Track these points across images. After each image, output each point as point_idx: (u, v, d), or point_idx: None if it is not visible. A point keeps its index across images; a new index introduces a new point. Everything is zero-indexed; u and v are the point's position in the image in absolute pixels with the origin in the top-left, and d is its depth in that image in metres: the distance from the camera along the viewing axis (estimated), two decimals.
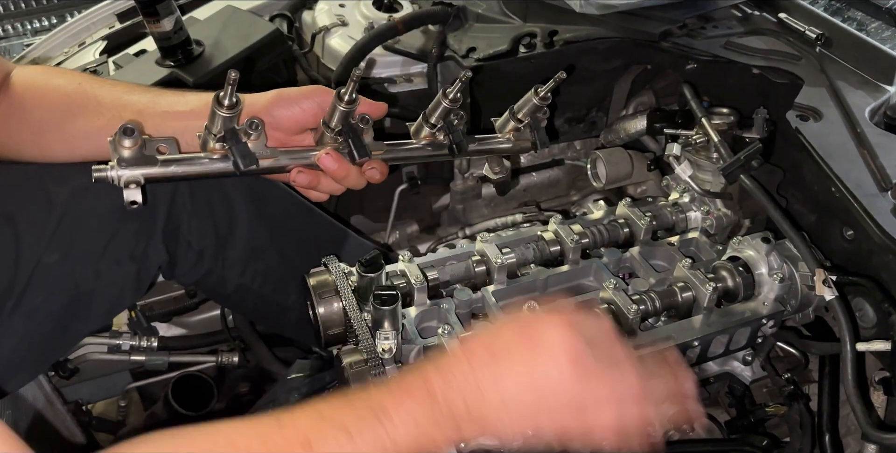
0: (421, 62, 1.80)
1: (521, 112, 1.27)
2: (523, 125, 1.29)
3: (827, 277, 1.19)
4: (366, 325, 1.13)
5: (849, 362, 1.15)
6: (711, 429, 1.41)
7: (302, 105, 1.16)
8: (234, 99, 1.04)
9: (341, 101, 1.10)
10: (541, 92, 1.23)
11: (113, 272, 1.30)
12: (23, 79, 1.23)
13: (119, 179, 1.04)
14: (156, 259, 1.36)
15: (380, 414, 0.81)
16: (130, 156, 1.04)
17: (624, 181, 1.73)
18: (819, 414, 1.31)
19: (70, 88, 1.21)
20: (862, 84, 1.43)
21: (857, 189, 1.23)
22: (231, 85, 1.01)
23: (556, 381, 0.83)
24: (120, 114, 1.17)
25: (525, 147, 1.33)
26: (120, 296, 1.37)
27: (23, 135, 1.22)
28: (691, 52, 1.59)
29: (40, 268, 1.22)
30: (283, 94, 1.18)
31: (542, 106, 1.25)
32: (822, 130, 1.33)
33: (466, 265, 1.30)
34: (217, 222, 1.40)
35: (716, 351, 1.26)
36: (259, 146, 1.11)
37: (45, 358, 1.38)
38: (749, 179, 1.34)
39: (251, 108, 1.15)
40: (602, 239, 1.36)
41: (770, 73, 1.51)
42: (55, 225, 1.23)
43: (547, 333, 0.85)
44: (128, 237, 1.30)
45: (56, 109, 1.20)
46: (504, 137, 1.32)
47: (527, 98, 1.25)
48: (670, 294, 1.24)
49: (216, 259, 1.43)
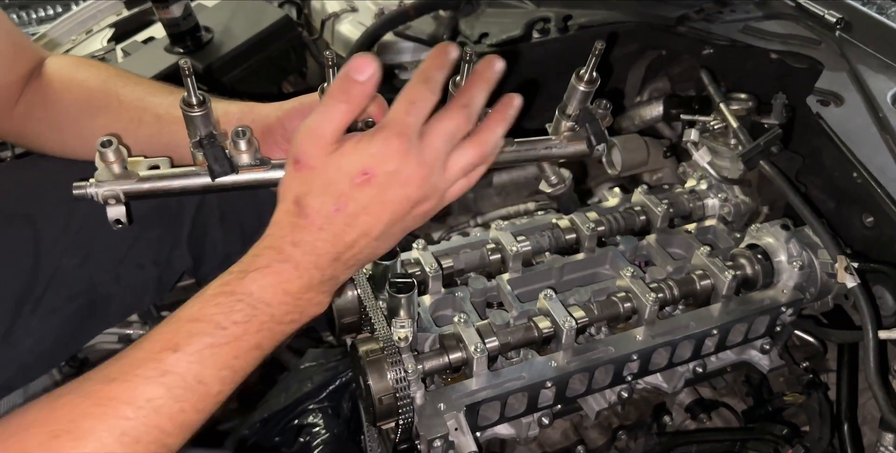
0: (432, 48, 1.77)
1: (569, 106, 1.02)
2: (577, 122, 1.04)
3: (849, 264, 1.17)
4: (381, 313, 1.12)
5: (871, 350, 1.13)
6: (729, 419, 1.39)
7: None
8: (201, 96, 0.91)
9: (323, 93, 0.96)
10: (583, 74, 0.97)
11: (134, 276, 1.28)
12: (53, 69, 1.20)
13: (97, 195, 0.96)
14: (179, 265, 1.34)
15: (247, 298, 0.79)
16: (110, 172, 0.96)
17: (640, 168, 1.70)
18: (838, 402, 1.30)
19: (94, 84, 1.18)
20: (883, 68, 1.40)
21: (880, 174, 1.20)
22: (188, 77, 0.88)
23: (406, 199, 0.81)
24: (140, 116, 1.13)
25: (580, 149, 1.05)
26: (139, 299, 1.35)
27: (43, 129, 1.20)
28: (708, 36, 1.56)
29: (61, 271, 1.20)
30: (297, 103, 1.05)
31: (589, 91, 0.99)
32: (843, 115, 1.31)
33: (481, 253, 1.29)
34: (245, 226, 1.38)
35: (734, 339, 1.25)
36: (250, 157, 0.97)
37: (59, 355, 1.37)
38: (769, 165, 1.32)
39: (265, 120, 1.06)
40: (618, 226, 1.34)
41: (789, 58, 1.48)
42: (77, 228, 1.21)
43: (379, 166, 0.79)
44: (151, 243, 1.28)
45: (77, 105, 1.17)
46: (556, 139, 1.06)
47: (571, 86, 1.00)
48: (688, 282, 1.23)
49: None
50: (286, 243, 0.81)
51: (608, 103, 1.04)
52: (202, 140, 0.96)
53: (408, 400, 1.05)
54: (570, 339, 1.12)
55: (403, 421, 1.07)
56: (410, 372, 1.05)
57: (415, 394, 1.07)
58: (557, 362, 1.11)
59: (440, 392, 1.09)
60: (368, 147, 0.79)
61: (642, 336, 1.16)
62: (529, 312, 1.18)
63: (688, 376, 1.26)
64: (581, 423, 1.36)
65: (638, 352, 1.15)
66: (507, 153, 1.02)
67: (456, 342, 1.10)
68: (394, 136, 0.78)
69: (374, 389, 1.03)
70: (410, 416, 1.06)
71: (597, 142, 1.04)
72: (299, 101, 1.04)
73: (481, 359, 1.08)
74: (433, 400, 1.08)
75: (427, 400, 1.08)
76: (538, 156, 1.07)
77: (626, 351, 1.14)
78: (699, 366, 1.25)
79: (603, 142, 1.04)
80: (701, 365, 1.26)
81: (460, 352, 1.10)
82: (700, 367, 1.26)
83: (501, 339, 1.12)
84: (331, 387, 1.41)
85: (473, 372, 1.09)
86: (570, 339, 1.12)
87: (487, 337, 1.11)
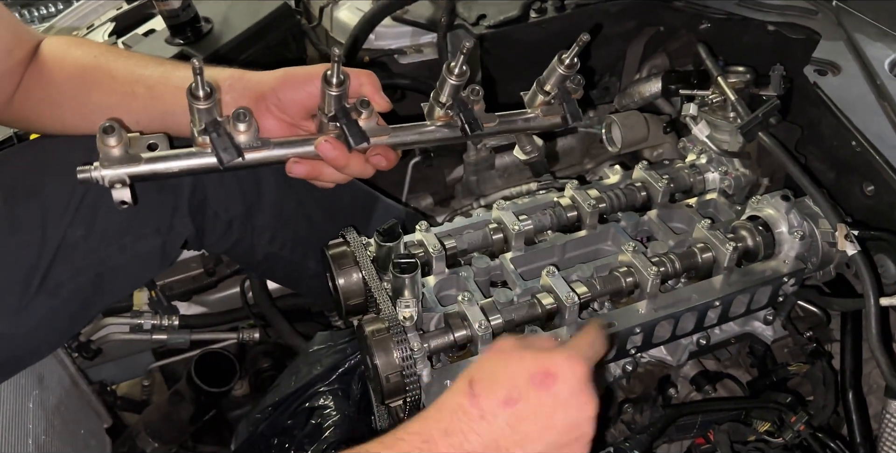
0: (430, 32, 1.78)
1: (547, 83, 1.15)
2: (552, 97, 1.17)
3: (849, 232, 1.18)
4: (386, 294, 1.13)
5: (873, 317, 1.14)
6: (734, 390, 1.41)
7: (308, 88, 1.09)
8: (208, 88, 0.96)
9: (329, 85, 1.02)
10: (565, 59, 1.10)
11: (138, 246, 1.30)
12: (47, 50, 1.23)
13: (103, 180, 1.00)
14: (182, 231, 1.35)
15: None
16: (114, 156, 1.00)
17: (640, 145, 1.71)
18: (842, 371, 1.31)
19: (86, 61, 1.21)
20: (881, 36, 1.40)
21: (879, 142, 1.21)
22: (198, 74, 0.93)
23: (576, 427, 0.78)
24: (132, 89, 1.16)
25: (555, 122, 1.19)
26: (144, 270, 1.37)
27: (42, 108, 1.22)
28: (705, 10, 1.56)
29: (66, 244, 1.22)
30: (290, 74, 1.11)
31: (568, 74, 1.12)
32: (841, 84, 1.31)
33: (484, 233, 1.30)
34: (245, 190, 1.39)
35: (737, 311, 1.25)
36: (249, 138, 1.04)
37: (66, 331, 1.39)
38: (768, 137, 1.32)
39: (258, 87, 1.11)
40: (619, 203, 1.35)
41: (786, 29, 1.48)
42: (79, 199, 1.22)
43: (563, 374, 0.77)
44: (153, 210, 1.29)
45: (72, 82, 1.20)
46: (532, 113, 1.19)
47: (551, 67, 1.12)
48: (690, 255, 1.23)
49: (245, 227, 1.43)
50: (437, 430, 0.76)
51: (581, 79, 1.15)
52: (207, 128, 1.00)
53: (414, 377, 1.06)
54: (574, 315, 1.13)
55: (411, 399, 1.08)
56: (416, 351, 1.06)
57: (421, 372, 1.08)
58: (561, 337, 1.13)
59: (446, 369, 1.11)
60: (553, 352, 0.79)
61: (645, 309, 1.17)
62: (533, 289, 1.19)
63: (692, 348, 1.27)
64: None
65: (641, 326, 1.16)
66: (490, 127, 1.15)
67: (461, 320, 1.12)
68: (579, 360, 0.78)
69: (380, 368, 1.05)
70: (418, 394, 1.08)
71: (573, 120, 1.17)
72: (291, 72, 1.11)
73: (486, 337, 1.09)
74: (440, 377, 1.09)
75: (434, 377, 1.09)
76: (517, 128, 1.19)
77: (629, 324, 1.15)
78: (703, 339, 1.26)
79: (578, 120, 1.17)
80: (704, 338, 1.27)
81: (465, 330, 1.11)
82: (704, 339, 1.27)
83: (505, 316, 1.13)
84: (340, 370, 1.43)
85: (478, 349, 1.11)
86: (573, 315, 1.13)
87: (492, 314, 1.12)
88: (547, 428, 0.76)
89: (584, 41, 1.05)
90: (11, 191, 1.22)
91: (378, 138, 1.12)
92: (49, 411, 1.55)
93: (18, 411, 1.44)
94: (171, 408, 1.84)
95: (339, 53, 0.98)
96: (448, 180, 2.02)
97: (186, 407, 1.83)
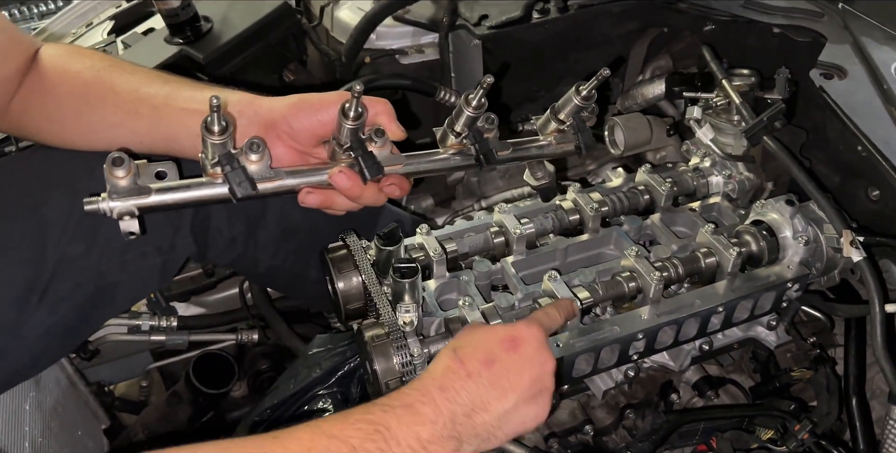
0: (432, 32, 1.77)
1: (562, 112, 1.15)
2: (566, 126, 1.16)
3: (854, 238, 1.17)
4: (386, 299, 1.12)
5: (878, 323, 1.13)
6: (736, 396, 1.40)
7: (321, 116, 1.08)
8: (224, 122, 0.95)
9: (346, 118, 1.02)
10: (582, 91, 1.10)
11: (138, 263, 1.28)
12: (47, 59, 1.21)
13: (111, 212, 0.97)
14: (183, 251, 1.34)
15: (384, 432, 0.84)
16: (123, 187, 0.97)
17: (643, 147, 1.70)
18: (846, 377, 1.30)
19: (88, 76, 1.18)
20: (887, 40, 1.38)
21: (885, 147, 1.20)
22: (216, 111, 0.92)
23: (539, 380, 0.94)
24: (136, 109, 1.13)
25: (568, 150, 1.19)
26: (145, 286, 1.36)
27: (41, 123, 1.20)
28: (709, 12, 1.55)
29: (65, 260, 1.21)
30: (303, 102, 1.09)
31: (585, 106, 1.12)
32: (847, 88, 1.30)
33: (485, 236, 1.29)
34: (248, 206, 1.36)
35: (740, 316, 1.24)
36: (262, 168, 1.02)
37: (65, 346, 1.38)
38: (772, 140, 1.31)
39: (269, 114, 1.09)
40: (622, 206, 1.34)
41: (791, 32, 1.47)
42: (80, 215, 1.21)
43: (526, 338, 0.96)
44: (155, 229, 1.27)
45: (73, 98, 1.17)
46: (545, 140, 1.19)
47: (567, 97, 1.12)
48: (693, 260, 1.22)
49: (248, 243, 1.41)
50: (434, 387, 0.90)
51: (596, 108, 1.16)
52: (221, 160, 0.99)
53: None
54: (576, 320, 1.12)
55: None
56: (416, 356, 1.05)
57: None
58: (562, 342, 1.12)
59: None
60: (517, 323, 1.00)
61: (648, 315, 1.16)
62: (534, 294, 1.18)
63: (694, 354, 1.26)
64: (588, 403, 1.36)
65: (644, 331, 1.15)
66: (504, 155, 1.15)
67: (461, 325, 1.11)
68: (538, 326, 0.98)
69: (380, 374, 1.04)
70: None
71: (586, 149, 1.18)
72: (304, 100, 1.09)
73: None
74: None
75: None
76: (531, 155, 1.20)
77: (631, 330, 1.14)
78: (705, 344, 1.25)
79: (592, 149, 1.19)
80: (707, 343, 1.26)
81: None
82: (706, 345, 1.26)
83: (507, 322, 1.12)
84: (339, 373, 1.42)
85: None
86: (575, 320, 1.12)
87: (492, 319, 1.11)
88: (518, 384, 0.92)
89: (604, 76, 1.06)
90: (11, 205, 1.20)
91: (392, 167, 1.11)
92: (46, 413, 1.54)
93: (15, 413, 1.43)
94: (170, 409, 1.83)
95: (358, 89, 0.98)
96: (449, 181, 2.01)
97: (185, 409, 1.82)
